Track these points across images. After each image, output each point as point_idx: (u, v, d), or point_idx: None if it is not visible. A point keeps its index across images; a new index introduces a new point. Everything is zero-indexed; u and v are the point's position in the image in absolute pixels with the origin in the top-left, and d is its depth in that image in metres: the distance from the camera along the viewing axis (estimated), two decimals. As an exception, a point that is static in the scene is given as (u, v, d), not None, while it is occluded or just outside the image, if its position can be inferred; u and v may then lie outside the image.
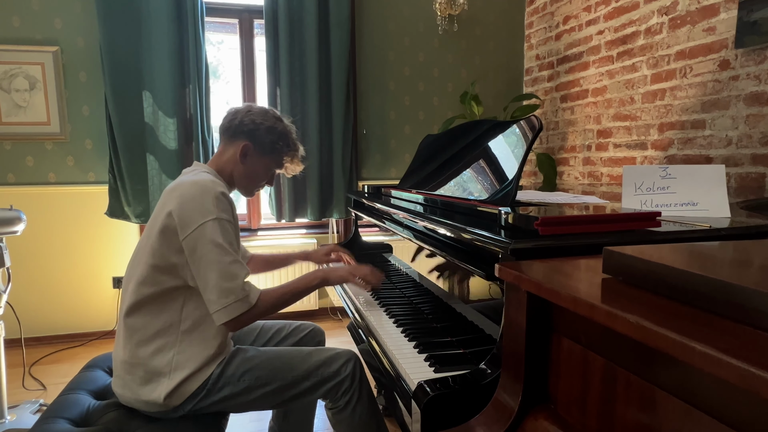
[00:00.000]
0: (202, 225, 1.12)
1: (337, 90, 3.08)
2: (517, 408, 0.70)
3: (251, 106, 1.34)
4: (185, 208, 1.14)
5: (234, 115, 1.32)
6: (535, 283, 0.64)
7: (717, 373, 0.39)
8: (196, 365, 1.18)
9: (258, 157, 1.34)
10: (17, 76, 2.72)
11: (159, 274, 1.16)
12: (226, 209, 1.18)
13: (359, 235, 2.09)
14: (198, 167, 1.32)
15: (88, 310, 2.95)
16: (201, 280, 1.13)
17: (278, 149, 1.35)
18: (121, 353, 1.19)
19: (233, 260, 1.14)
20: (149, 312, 1.18)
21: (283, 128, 1.36)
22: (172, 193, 1.18)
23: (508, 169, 1.21)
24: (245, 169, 1.33)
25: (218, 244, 1.13)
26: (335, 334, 2.98)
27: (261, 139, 1.32)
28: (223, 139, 1.34)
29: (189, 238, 1.13)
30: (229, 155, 1.32)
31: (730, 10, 2.05)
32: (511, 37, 3.53)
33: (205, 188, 1.16)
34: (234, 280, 1.13)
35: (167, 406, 1.16)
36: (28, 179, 2.80)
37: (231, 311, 1.12)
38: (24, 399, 2.16)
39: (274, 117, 1.35)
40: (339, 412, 1.27)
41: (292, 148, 1.38)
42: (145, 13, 2.74)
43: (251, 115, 1.31)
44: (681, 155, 2.34)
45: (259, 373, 1.23)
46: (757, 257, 0.61)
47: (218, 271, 1.12)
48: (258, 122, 1.31)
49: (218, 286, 1.11)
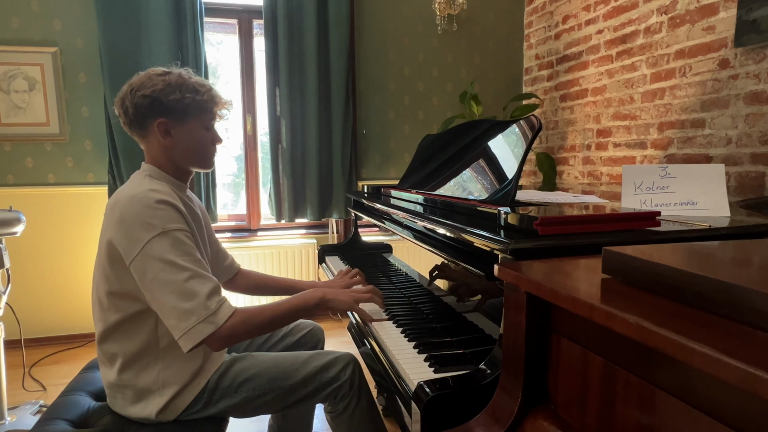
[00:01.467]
0: (147, 243, 1.00)
1: (337, 90, 3.08)
2: (516, 408, 0.70)
3: (131, 83, 1.13)
4: (126, 229, 1.01)
5: (122, 104, 1.13)
6: (534, 283, 0.64)
7: (716, 374, 0.39)
8: (185, 379, 1.13)
9: (179, 124, 1.14)
10: (16, 77, 2.72)
11: (119, 301, 1.08)
12: (172, 218, 1.04)
13: (359, 236, 2.09)
14: (139, 173, 1.17)
15: (87, 311, 2.94)
16: (157, 306, 1.01)
17: (190, 102, 1.13)
18: (107, 373, 1.15)
19: (190, 276, 1.00)
20: (122, 337, 1.10)
21: (177, 78, 1.13)
22: (111, 213, 1.06)
23: (507, 168, 1.21)
24: (178, 144, 1.15)
25: (169, 261, 1.00)
26: (335, 335, 2.98)
27: (167, 106, 1.11)
28: (136, 133, 1.15)
29: (135, 261, 1.00)
30: (154, 144, 1.15)
31: (729, 9, 2.04)
32: (511, 37, 3.53)
33: (142, 201, 1.03)
34: (193, 299, 0.99)
35: (160, 421, 1.13)
36: (27, 180, 2.80)
37: (195, 335, 0.98)
38: (24, 400, 2.16)
39: (158, 75, 1.13)
40: (338, 415, 1.25)
41: (202, 90, 1.15)
42: (144, 13, 2.74)
43: (137, 91, 1.10)
44: (681, 154, 2.34)
45: (256, 382, 1.19)
46: (756, 257, 0.61)
47: (173, 292, 0.99)
48: (149, 93, 1.10)
49: (176, 309, 0.98)
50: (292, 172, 3.08)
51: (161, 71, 1.15)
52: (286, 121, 3.03)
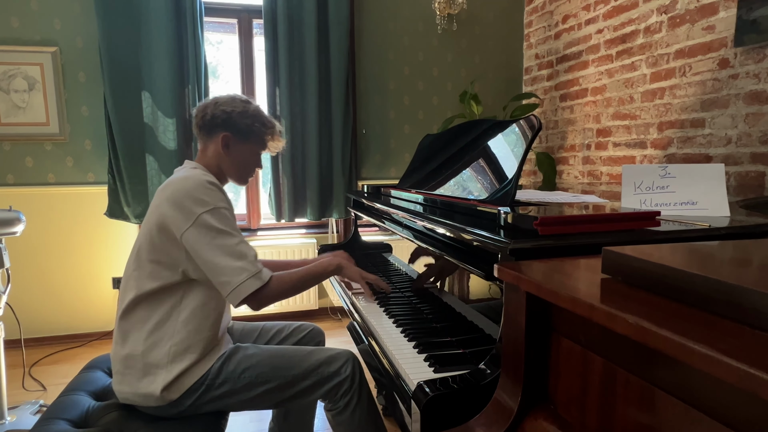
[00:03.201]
0: (199, 216, 1.14)
1: (337, 90, 3.08)
2: (516, 408, 0.70)
3: (217, 98, 1.34)
4: (180, 203, 1.15)
5: (204, 110, 1.31)
6: (534, 283, 0.64)
7: (716, 374, 0.39)
8: (193, 358, 1.19)
9: (240, 143, 1.33)
10: (16, 77, 2.72)
11: (161, 270, 1.18)
12: (220, 198, 1.20)
13: (359, 235, 2.09)
14: (187, 165, 1.33)
15: (87, 310, 2.95)
16: (209, 268, 1.15)
17: (256, 130, 1.34)
18: (120, 349, 1.20)
19: (239, 241, 1.17)
20: (148, 306, 1.20)
21: (255, 109, 1.35)
22: (164, 191, 1.20)
23: (507, 168, 1.21)
24: (231, 158, 1.33)
25: (220, 231, 1.15)
26: (335, 334, 2.98)
27: (237, 126, 1.31)
28: (201, 136, 1.34)
29: (188, 232, 1.14)
30: (212, 150, 1.33)
31: (729, 9, 2.04)
32: (511, 37, 3.53)
33: (196, 181, 1.19)
34: (244, 258, 1.15)
35: (164, 399, 1.16)
36: (27, 180, 2.80)
37: (247, 287, 1.14)
38: (24, 400, 2.16)
39: (242, 101, 1.34)
40: (338, 413, 1.27)
41: (269, 125, 1.38)
42: (144, 13, 2.74)
43: (220, 105, 1.31)
44: (680, 154, 2.34)
45: (259, 370, 1.24)
46: (756, 256, 0.61)
47: (226, 254, 1.14)
48: (229, 111, 1.30)
49: (228, 267, 1.14)
50: (292, 172, 3.08)
51: (245, 99, 1.36)
52: (286, 121, 3.03)
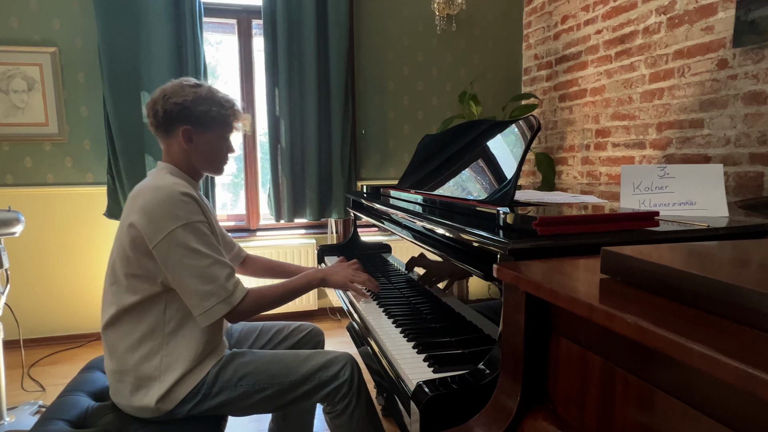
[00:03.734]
0: (171, 232, 1.09)
1: (336, 90, 3.08)
2: (516, 408, 0.70)
3: (164, 90, 1.23)
4: (150, 216, 1.10)
5: (154, 108, 1.22)
6: (533, 283, 0.64)
7: (715, 374, 0.39)
8: (186, 366, 1.16)
9: (202, 133, 1.25)
10: (15, 77, 2.71)
11: (138, 283, 1.14)
12: (194, 210, 1.14)
13: (358, 236, 2.09)
14: (160, 167, 1.26)
15: (86, 311, 2.94)
16: (178, 287, 1.12)
17: (215, 115, 1.24)
18: (109, 363, 1.18)
19: (211, 262, 1.12)
20: (132, 319, 1.16)
21: (207, 92, 1.24)
22: (135, 200, 1.14)
23: (506, 168, 1.21)
24: (198, 151, 1.25)
25: (192, 249, 1.10)
26: (334, 335, 2.98)
27: (194, 116, 1.22)
28: (160, 135, 1.25)
29: (159, 247, 1.10)
30: (175, 148, 1.25)
31: (728, 10, 2.05)
32: (510, 37, 3.53)
33: (168, 192, 1.12)
34: (213, 282, 1.11)
35: (160, 410, 1.15)
36: (26, 180, 2.80)
37: (214, 313, 1.11)
38: (23, 400, 2.16)
39: (190, 87, 1.23)
40: (337, 416, 1.26)
41: (227, 105, 1.27)
42: (143, 13, 2.74)
43: (169, 98, 1.21)
44: (679, 154, 2.34)
45: (256, 377, 1.22)
46: (755, 257, 0.61)
47: (195, 276, 1.10)
48: (180, 101, 1.20)
49: (197, 291, 1.10)
50: (291, 172, 3.08)
51: (193, 83, 1.25)
52: (286, 121, 3.03)
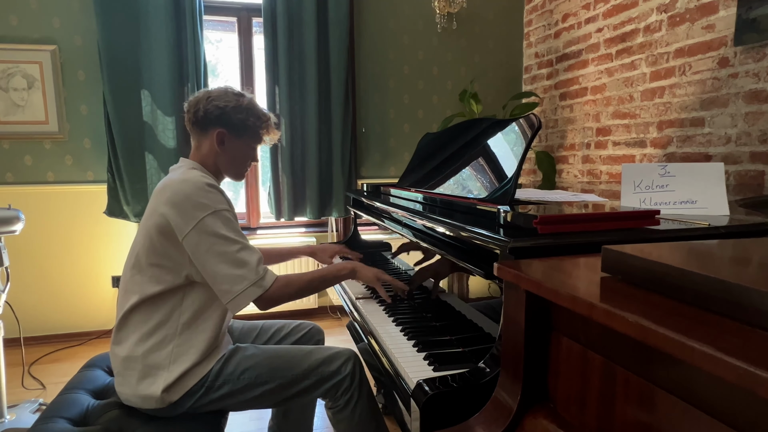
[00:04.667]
0: (201, 220, 1.12)
1: (336, 88, 3.07)
2: (516, 407, 0.70)
3: (209, 92, 1.29)
4: (179, 207, 1.13)
5: (196, 106, 1.27)
6: (534, 282, 0.64)
7: (715, 372, 0.39)
8: (194, 359, 1.18)
9: (235, 139, 1.30)
10: (15, 75, 2.71)
11: (162, 273, 1.17)
12: (220, 200, 1.18)
13: (358, 234, 2.09)
14: (183, 163, 1.30)
15: (87, 309, 2.94)
16: (210, 275, 1.13)
17: (251, 125, 1.30)
18: (119, 350, 1.19)
19: (240, 247, 1.15)
20: (150, 308, 1.18)
21: (248, 102, 1.31)
22: (162, 193, 1.17)
23: (507, 167, 1.21)
24: (227, 155, 1.30)
25: (221, 236, 1.13)
26: (334, 333, 2.98)
27: (232, 122, 1.27)
28: (195, 132, 1.30)
29: (189, 236, 1.12)
30: (206, 147, 1.29)
31: (729, 8, 2.04)
32: (510, 35, 3.53)
33: (195, 183, 1.16)
34: (244, 266, 1.13)
35: (165, 401, 1.15)
36: (26, 178, 2.80)
37: (247, 296, 1.13)
38: (23, 398, 2.16)
39: (234, 95, 1.30)
40: (339, 411, 1.27)
41: (264, 118, 1.34)
42: (143, 11, 2.73)
43: (213, 101, 1.26)
44: (680, 153, 2.34)
45: (259, 371, 1.23)
46: (756, 255, 0.61)
47: (226, 262, 1.12)
48: (222, 105, 1.26)
49: (229, 275, 1.12)
50: (291, 171, 3.07)
51: (238, 92, 1.32)
52: (286, 120, 3.03)
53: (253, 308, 1.22)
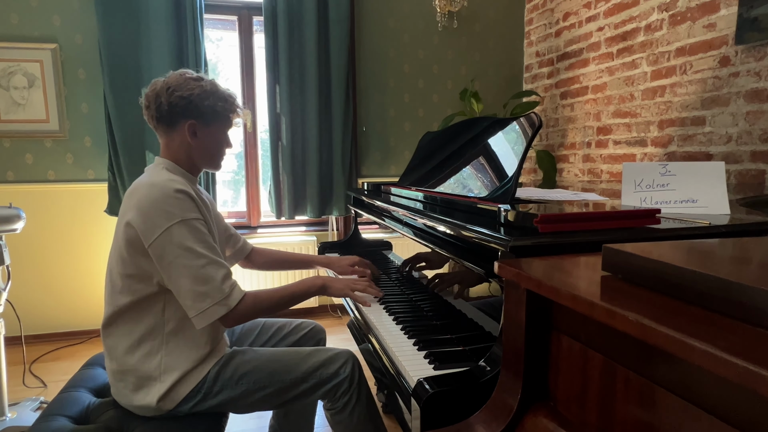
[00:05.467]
0: (167, 230, 1.07)
1: (337, 87, 3.07)
2: (516, 405, 0.70)
3: (167, 82, 1.19)
4: (145, 214, 1.08)
5: (157, 99, 1.18)
6: (534, 280, 0.64)
7: (716, 371, 0.39)
8: (187, 366, 1.16)
9: (206, 128, 1.23)
10: (16, 74, 2.71)
11: (133, 283, 1.13)
12: (189, 207, 1.12)
13: (359, 233, 2.09)
14: (157, 162, 1.24)
15: (87, 307, 2.95)
16: (174, 287, 1.10)
17: (220, 110, 1.23)
18: (109, 363, 1.18)
19: (206, 262, 1.09)
20: (130, 319, 1.15)
21: (211, 86, 1.22)
22: (130, 198, 1.13)
23: (507, 166, 1.21)
24: (201, 146, 1.23)
25: (187, 248, 1.08)
26: (335, 332, 2.98)
27: (200, 110, 1.20)
28: (161, 128, 1.22)
29: (155, 245, 1.08)
30: (177, 141, 1.22)
31: (730, 7, 2.04)
32: (511, 34, 3.52)
33: (162, 189, 1.10)
34: (208, 283, 1.08)
35: (161, 410, 1.15)
36: (27, 177, 2.80)
37: (210, 315, 1.08)
38: (24, 396, 2.17)
39: (194, 80, 1.20)
40: (337, 413, 1.26)
41: (230, 100, 1.25)
42: (143, 10, 2.73)
43: (175, 91, 1.17)
44: (681, 152, 2.34)
45: (257, 376, 1.21)
46: (756, 254, 0.61)
47: (190, 276, 1.07)
48: (186, 95, 1.17)
49: (192, 291, 1.07)
50: (292, 169, 3.07)
51: (195, 76, 1.22)
52: (286, 119, 3.03)
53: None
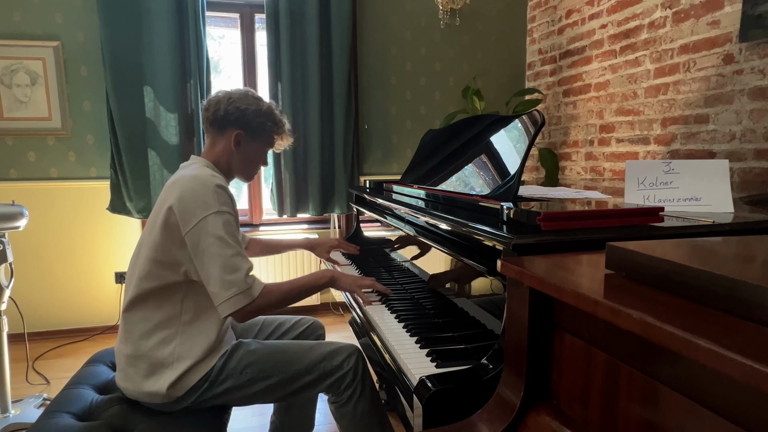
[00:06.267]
0: (203, 219, 1.14)
1: (339, 85, 3.07)
2: (519, 403, 0.70)
3: (230, 93, 1.32)
4: (186, 203, 1.15)
5: (216, 105, 1.29)
6: (537, 278, 0.64)
7: (720, 369, 0.39)
8: (198, 356, 1.19)
9: (251, 141, 1.33)
10: (18, 72, 2.72)
11: (161, 269, 1.18)
12: (226, 202, 1.19)
13: (361, 231, 2.09)
14: (195, 161, 1.32)
15: (90, 305, 2.96)
16: (204, 274, 1.15)
17: (268, 129, 1.34)
18: (124, 347, 1.21)
19: (235, 253, 1.16)
20: (151, 305, 1.19)
21: (267, 107, 1.34)
22: (172, 187, 1.19)
23: (510, 164, 1.21)
24: (241, 156, 1.33)
25: (220, 237, 1.14)
26: (337, 329, 2.98)
27: (250, 124, 1.31)
28: (211, 131, 1.32)
29: (191, 233, 1.14)
30: (221, 146, 1.32)
31: (734, 4, 2.03)
32: (514, 32, 3.51)
33: (204, 182, 1.17)
34: (236, 273, 1.14)
35: (170, 397, 1.17)
36: (29, 174, 2.81)
37: (234, 303, 1.14)
38: (28, 393, 2.18)
39: (255, 98, 1.33)
40: (342, 406, 1.28)
41: (280, 125, 1.38)
42: (145, 7, 2.73)
43: (234, 102, 1.29)
44: (684, 150, 2.33)
45: (261, 366, 1.24)
46: (760, 252, 0.61)
47: (220, 264, 1.13)
48: (243, 108, 1.29)
49: (221, 279, 1.13)
50: (294, 167, 3.07)
51: (258, 96, 1.35)
52: (288, 116, 3.01)
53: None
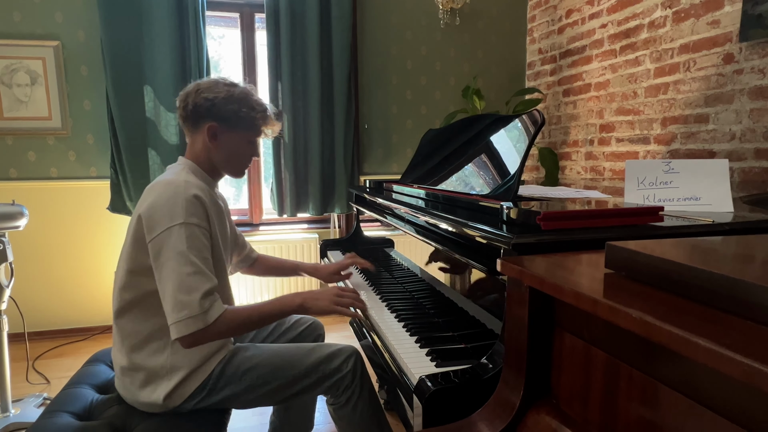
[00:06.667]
0: (167, 229, 1.08)
1: (339, 84, 3.07)
2: (519, 403, 0.70)
3: (199, 84, 1.23)
4: (153, 210, 1.10)
5: (185, 99, 1.21)
6: (537, 278, 0.64)
7: (720, 369, 0.39)
8: (193, 364, 1.17)
9: (228, 132, 1.23)
10: (18, 71, 2.72)
11: (137, 278, 1.14)
12: (196, 213, 1.11)
13: (361, 230, 2.09)
14: (180, 162, 1.26)
15: (90, 304, 2.96)
16: (160, 288, 1.09)
17: (244, 116, 1.23)
18: (119, 356, 1.19)
19: (194, 271, 1.07)
20: (136, 316, 1.16)
21: (240, 93, 1.23)
22: (147, 193, 1.15)
23: (510, 163, 1.21)
24: (221, 150, 1.24)
25: (180, 252, 1.07)
26: (336, 329, 2.98)
27: (222, 114, 1.20)
28: (187, 128, 1.25)
29: (154, 242, 1.09)
30: (199, 143, 1.24)
31: (734, 3, 2.03)
32: (514, 31, 3.51)
33: (176, 189, 1.11)
34: (190, 294, 1.06)
35: (167, 406, 1.16)
36: (29, 174, 2.81)
37: (183, 327, 1.05)
38: (28, 393, 2.18)
39: (225, 85, 1.23)
40: (340, 407, 1.27)
41: (259, 108, 1.26)
42: (146, 7, 2.73)
43: (202, 93, 1.20)
44: (684, 150, 2.33)
45: (260, 371, 1.22)
46: (760, 252, 0.61)
47: (175, 282, 1.06)
48: (211, 98, 1.19)
49: (173, 298, 1.06)
50: (294, 167, 3.07)
51: (229, 82, 1.25)
52: (288, 116, 3.02)
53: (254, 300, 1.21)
